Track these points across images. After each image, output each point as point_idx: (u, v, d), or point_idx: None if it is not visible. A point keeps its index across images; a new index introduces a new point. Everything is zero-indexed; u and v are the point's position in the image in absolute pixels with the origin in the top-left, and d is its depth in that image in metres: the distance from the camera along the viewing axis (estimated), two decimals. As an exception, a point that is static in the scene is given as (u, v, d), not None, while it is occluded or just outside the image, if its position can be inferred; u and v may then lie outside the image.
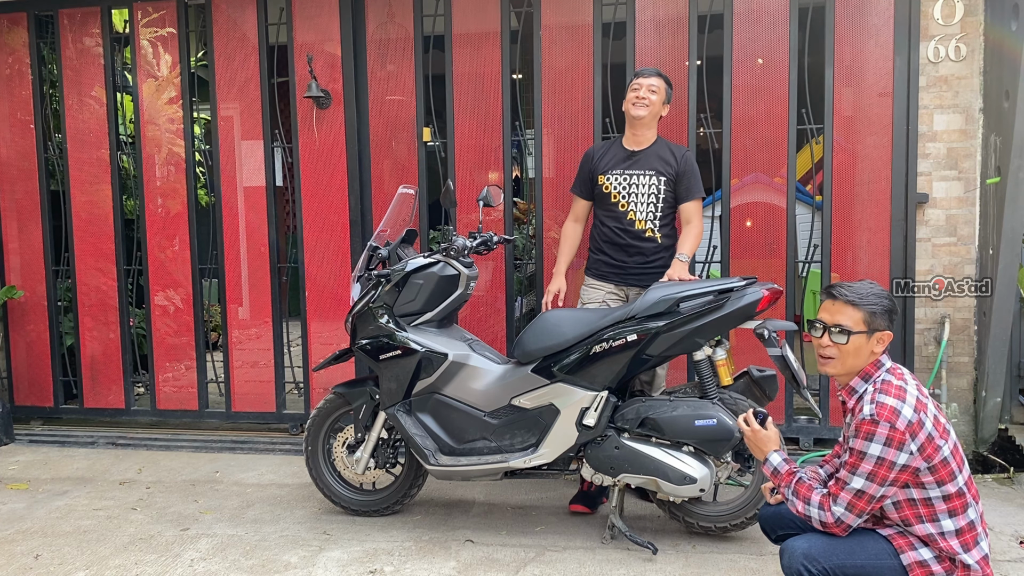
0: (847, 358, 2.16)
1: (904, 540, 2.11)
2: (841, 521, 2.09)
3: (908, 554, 2.09)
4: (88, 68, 4.68)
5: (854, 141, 4.04)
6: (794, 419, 4.11)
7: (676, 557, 2.98)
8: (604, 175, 3.46)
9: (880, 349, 2.16)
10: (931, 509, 2.07)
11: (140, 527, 3.38)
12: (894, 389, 2.07)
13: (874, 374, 2.16)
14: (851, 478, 2.07)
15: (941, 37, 3.87)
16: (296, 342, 4.69)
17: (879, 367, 2.16)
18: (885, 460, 2.03)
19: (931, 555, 2.07)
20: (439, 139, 4.37)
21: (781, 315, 3.92)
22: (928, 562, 2.07)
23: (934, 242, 3.96)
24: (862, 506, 2.07)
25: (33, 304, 4.87)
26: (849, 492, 2.07)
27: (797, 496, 2.18)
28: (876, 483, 2.04)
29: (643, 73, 3.45)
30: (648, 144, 3.46)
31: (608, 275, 3.49)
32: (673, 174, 3.42)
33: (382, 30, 4.39)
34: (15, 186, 4.82)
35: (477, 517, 3.41)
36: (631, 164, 3.44)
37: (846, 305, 2.16)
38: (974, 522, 2.08)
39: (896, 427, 2.01)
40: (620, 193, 3.43)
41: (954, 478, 2.05)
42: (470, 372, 3.19)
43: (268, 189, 4.54)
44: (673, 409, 2.93)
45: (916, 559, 2.08)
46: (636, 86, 3.42)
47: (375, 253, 3.32)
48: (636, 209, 3.42)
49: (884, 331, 2.14)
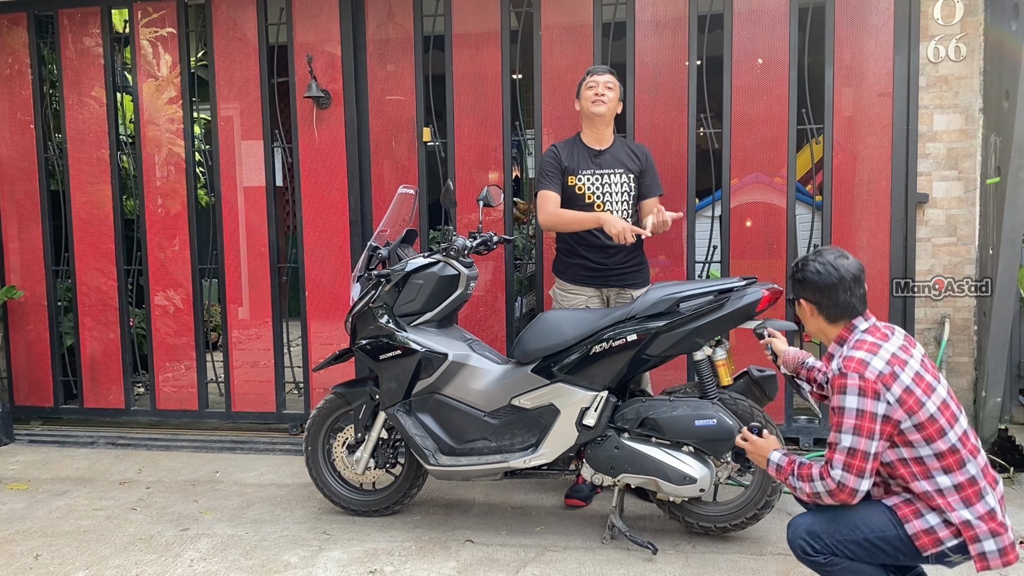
0: (808, 328, 2.30)
1: (909, 508, 2.09)
2: (843, 484, 2.06)
3: (913, 523, 2.07)
4: (88, 68, 4.68)
5: (854, 141, 4.04)
6: (794, 419, 4.11)
7: (676, 557, 2.98)
8: (575, 176, 3.40)
9: (820, 318, 2.23)
10: (924, 467, 2.06)
11: (140, 527, 3.38)
12: (867, 345, 2.10)
13: (848, 337, 2.20)
14: (839, 437, 2.07)
15: (941, 37, 3.87)
16: (296, 342, 4.69)
17: (852, 330, 2.20)
18: (865, 412, 2.03)
19: (937, 520, 2.05)
20: (439, 139, 4.37)
21: (781, 315, 3.92)
22: (935, 528, 2.05)
23: (934, 242, 3.96)
24: (858, 464, 2.04)
25: (33, 304, 4.87)
26: (841, 452, 2.06)
27: (801, 479, 2.17)
28: (864, 436, 2.03)
29: (596, 71, 3.42)
30: (611, 142, 3.47)
31: (587, 279, 3.44)
32: (638, 170, 3.46)
33: (382, 30, 4.39)
34: (15, 186, 4.82)
35: (477, 517, 3.41)
36: (600, 163, 3.42)
37: None
38: (975, 477, 2.05)
39: (865, 377, 2.03)
40: (595, 194, 3.41)
41: (944, 435, 2.04)
42: (470, 372, 3.19)
43: (268, 189, 4.54)
44: (673, 409, 2.93)
45: (922, 527, 2.06)
46: (592, 83, 3.39)
47: (375, 253, 3.32)
48: (612, 208, 3.41)
49: (804, 301, 2.25)
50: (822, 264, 2.20)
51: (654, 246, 4.18)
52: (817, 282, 2.20)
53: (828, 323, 2.23)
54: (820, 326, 2.26)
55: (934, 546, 2.06)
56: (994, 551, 2.03)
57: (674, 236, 4.17)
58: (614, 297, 3.49)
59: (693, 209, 4.12)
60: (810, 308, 2.24)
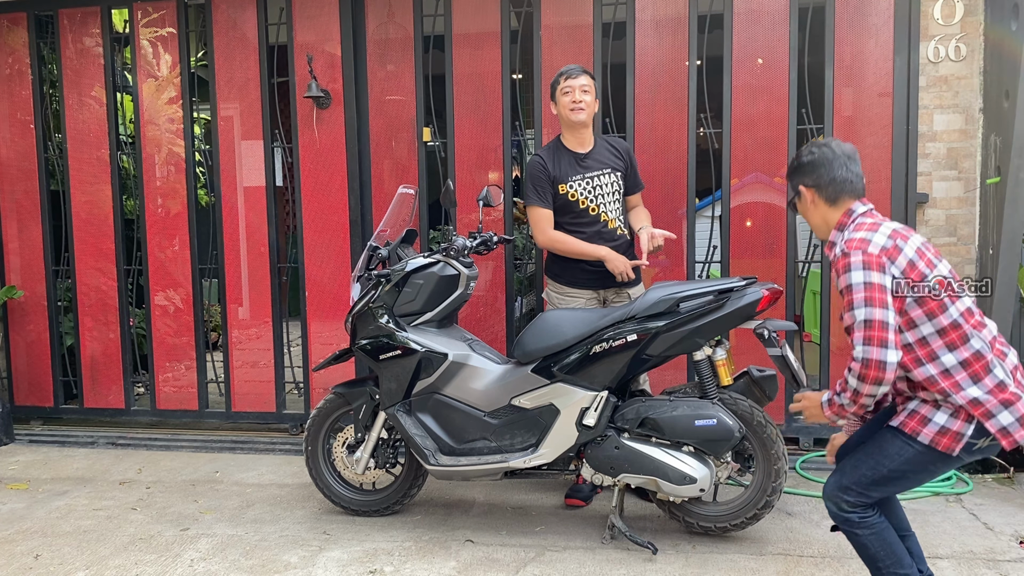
0: (808, 221, 2.33)
1: (915, 420, 2.09)
2: (867, 359, 2.02)
3: (924, 432, 2.07)
4: (88, 68, 4.68)
5: (854, 141, 4.02)
6: (794, 419, 4.11)
7: (676, 557, 2.98)
8: (565, 184, 3.36)
9: (820, 203, 2.25)
10: (928, 348, 2.06)
11: (140, 527, 3.38)
12: (867, 225, 2.14)
13: (846, 223, 2.22)
14: (852, 315, 2.05)
15: (941, 37, 3.87)
16: (296, 342, 4.69)
17: (850, 215, 2.23)
18: (873, 284, 2.03)
19: (945, 416, 2.05)
20: (439, 139, 4.37)
21: (781, 315, 3.92)
22: (946, 426, 2.05)
23: (934, 242, 3.95)
24: (878, 334, 2.01)
25: (33, 304, 4.87)
26: (859, 328, 2.04)
27: (843, 392, 2.12)
28: (877, 307, 2.02)
29: (571, 74, 3.34)
30: (593, 143, 3.45)
31: (586, 281, 3.42)
32: (623, 167, 3.45)
33: (382, 30, 4.39)
34: (15, 186, 4.82)
35: (477, 517, 3.41)
36: (587, 167, 3.39)
37: None
38: (981, 351, 2.05)
39: (868, 252, 2.05)
40: (587, 198, 3.38)
41: (945, 310, 2.05)
42: (470, 372, 3.19)
43: (268, 189, 4.54)
44: (673, 409, 2.93)
45: (934, 431, 2.06)
46: (567, 89, 3.32)
47: (375, 253, 3.32)
48: (606, 210, 3.40)
49: (801, 186, 2.27)
50: (816, 147, 2.26)
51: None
52: (813, 162, 2.24)
53: (830, 206, 2.24)
54: (823, 214, 2.26)
55: (956, 442, 2.05)
56: (1013, 422, 2.02)
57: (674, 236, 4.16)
58: (611, 298, 3.48)
59: (693, 209, 4.12)
60: (811, 194, 2.26)
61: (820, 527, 3.22)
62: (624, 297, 3.45)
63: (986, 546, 3.01)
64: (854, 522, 2.18)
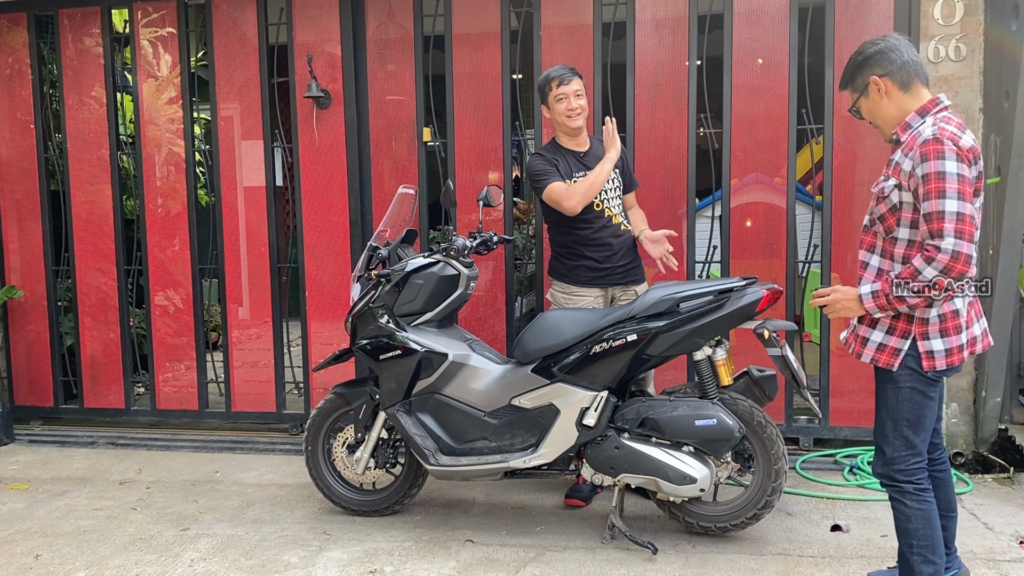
0: (875, 120, 2.31)
1: (885, 355, 2.22)
2: (958, 252, 2.02)
3: (864, 352, 2.25)
4: (88, 68, 4.68)
5: (854, 141, 4.04)
6: (794, 419, 4.11)
7: (676, 557, 2.98)
8: (570, 180, 3.35)
9: (894, 90, 2.23)
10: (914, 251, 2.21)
11: (140, 527, 3.38)
12: (954, 123, 2.15)
13: (932, 109, 2.21)
14: (941, 203, 2.03)
15: (941, 37, 3.87)
16: (296, 342, 4.69)
17: (937, 103, 2.22)
18: (964, 176, 2.04)
19: (882, 334, 2.22)
20: (439, 139, 4.37)
21: (781, 315, 3.91)
22: (883, 343, 2.20)
23: (934, 242, 3.95)
24: (968, 228, 2.02)
25: (33, 304, 4.87)
26: (950, 219, 2.02)
27: (905, 283, 2.13)
28: (967, 200, 2.04)
29: (562, 79, 3.29)
30: (589, 143, 3.47)
31: (592, 280, 3.40)
32: (620, 165, 3.45)
33: (382, 30, 4.39)
34: (15, 186, 4.82)
35: (477, 517, 3.41)
36: (588, 163, 3.39)
37: (844, 90, 2.37)
38: None
39: (961, 146, 2.06)
40: None
41: None
42: (470, 372, 3.19)
43: (268, 189, 4.54)
44: (673, 409, 2.93)
45: (924, 349, 2.18)
46: (561, 95, 3.29)
47: (375, 253, 3.32)
48: (610, 206, 3.40)
49: (873, 77, 2.25)
50: (875, 40, 2.26)
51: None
52: (881, 50, 2.24)
53: (904, 92, 2.24)
54: (898, 102, 2.25)
55: (894, 358, 2.19)
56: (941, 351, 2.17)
57: (674, 236, 4.16)
58: (619, 295, 3.47)
59: (693, 209, 4.12)
60: (884, 84, 2.24)
61: (820, 527, 3.22)
62: (631, 294, 3.44)
63: (986, 546, 3.01)
64: (908, 492, 2.24)
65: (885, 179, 2.27)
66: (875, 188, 2.30)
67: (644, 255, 3.50)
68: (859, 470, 3.78)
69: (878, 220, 2.29)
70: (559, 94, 3.31)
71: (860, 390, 4.06)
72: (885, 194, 2.23)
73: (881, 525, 3.23)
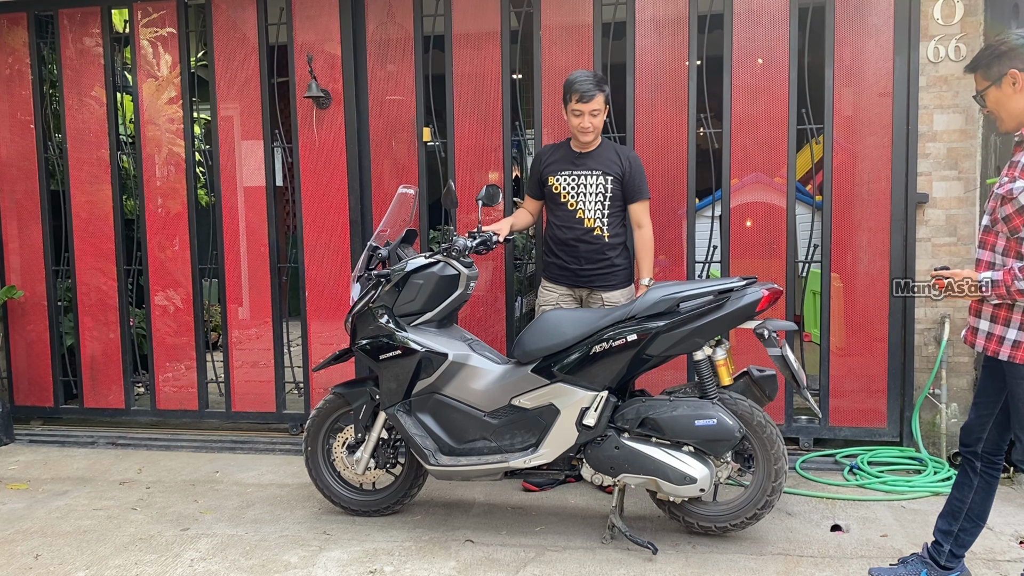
0: (1000, 111, 2.32)
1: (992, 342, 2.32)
2: None
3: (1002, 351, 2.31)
4: (88, 68, 4.68)
5: (854, 141, 4.04)
6: (794, 419, 4.11)
7: (676, 557, 2.98)
8: (554, 176, 3.54)
9: None
10: None
11: (140, 527, 3.38)
12: None
13: None
14: None
15: (941, 37, 3.87)
16: (296, 342, 4.69)
17: None
18: None
19: None
20: (439, 139, 4.37)
21: (781, 315, 3.92)
22: None
23: (934, 242, 3.96)
24: None
25: (33, 304, 4.87)
26: None
27: None
28: None
29: (584, 96, 3.34)
30: (595, 146, 3.54)
31: (560, 278, 3.59)
32: (620, 174, 3.50)
33: (382, 30, 4.39)
34: (15, 186, 4.82)
35: (477, 517, 3.41)
36: (579, 165, 3.52)
37: (970, 73, 2.37)
38: None
39: None
40: (569, 193, 3.51)
41: None
42: (470, 372, 3.19)
43: (268, 189, 4.54)
44: (673, 409, 2.93)
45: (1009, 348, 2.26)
46: (578, 111, 3.38)
47: (375, 253, 3.32)
48: (585, 207, 3.49)
49: (1012, 70, 2.25)
50: (1020, 33, 2.28)
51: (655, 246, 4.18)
52: (1008, 46, 2.26)
53: None
54: (1021, 102, 2.28)
55: None
56: None
57: (674, 236, 4.17)
58: (586, 297, 3.59)
59: (693, 209, 4.12)
60: (1020, 78, 2.26)
61: (820, 527, 3.22)
62: (597, 299, 3.54)
63: (986, 546, 3.01)
64: None
65: (1011, 181, 2.28)
66: (1000, 189, 2.31)
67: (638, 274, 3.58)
68: (859, 470, 3.78)
69: (1003, 220, 2.31)
70: (576, 109, 3.41)
71: (860, 390, 4.07)
72: (1014, 195, 2.24)
73: (881, 525, 3.23)
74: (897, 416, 4.01)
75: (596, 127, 3.45)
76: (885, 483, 3.62)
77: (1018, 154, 2.29)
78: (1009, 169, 2.30)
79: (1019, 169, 2.25)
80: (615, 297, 3.53)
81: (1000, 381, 2.41)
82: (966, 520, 2.55)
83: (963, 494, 2.56)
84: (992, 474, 2.52)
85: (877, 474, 3.72)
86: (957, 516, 2.57)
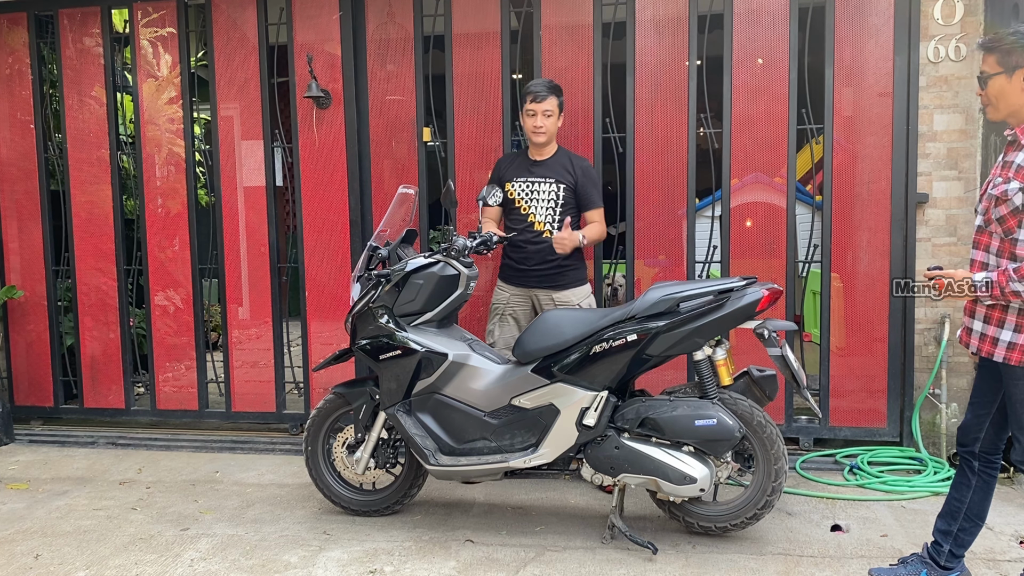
0: (998, 102, 2.28)
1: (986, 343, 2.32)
2: None
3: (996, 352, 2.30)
4: (88, 68, 4.68)
5: (854, 141, 4.04)
6: (794, 419, 4.11)
7: (676, 557, 2.98)
8: (510, 183, 3.66)
9: None
10: None
11: (140, 527, 3.38)
12: None
13: None
14: None
15: (941, 37, 3.87)
16: (296, 342, 4.69)
17: None
18: None
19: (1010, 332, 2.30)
20: (439, 139, 4.37)
21: (781, 315, 3.92)
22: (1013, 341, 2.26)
23: (934, 242, 3.96)
24: None
25: (33, 304, 4.87)
26: None
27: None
28: None
29: (537, 96, 3.52)
30: (550, 155, 3.66)
31: (512, 278, 3.71)
32: (572, 182, 3.62)
33: (382, 30, 4.39)
34: (15, 186, 4.82)
35: (477, 517, 3.41)
36: (533, 172, 3.66)
37: (984, 52, 2.29)
38: None
39: None
40: (523, 199, 3.63)
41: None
42: (470, 372, 3.19)
43: (268, 189, 4.54)
44: (673, 409, 2.93)
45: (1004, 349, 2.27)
46: (531, 111, 3.54)
47: (375, 253, 3.32)
48: (536, 212, 3.62)
49: (1018, 71, 2.22)
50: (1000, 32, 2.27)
51: (654, 246, 4.19)
52: None
53: None
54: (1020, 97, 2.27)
55: None
56: None
57: (674, 236, 4.17)
58: (541, 297, 3.66)
59: (693, 209, 4.12)
60: None
61: (820, 527, 3.22)
62: (548, 299, 3.62)
63: (986, 546, 3.01)
64: None
65: (1005, 181, 2.27)
66: (994, 190, 2.30)
67: None
68: (859, 470, 3.78)
69: (997, 221, 2.30)
70: (530, 109, 3.56)
71: (860, 390, 4.07)
72: (1008, 196, 2.23)
73: (881, 525, 3.23)
74: (897, 416, 4.01)
75: (549, 130, 3.55)
76: (885, 483, 3.63)
77: (1011, 153, 2.28)
78: (1003, 170, 2.29)
79: (1013, 170, 2.24)
80: (565, 297, 3.61)
81: (996, 381, 2.41)
82: (965, 520, 2.55)
83: (961, 494, 2.55)
84: (990, 473, 2.52)
85: (877, 474, 3.72)
86: (956, 516, 2.56)
